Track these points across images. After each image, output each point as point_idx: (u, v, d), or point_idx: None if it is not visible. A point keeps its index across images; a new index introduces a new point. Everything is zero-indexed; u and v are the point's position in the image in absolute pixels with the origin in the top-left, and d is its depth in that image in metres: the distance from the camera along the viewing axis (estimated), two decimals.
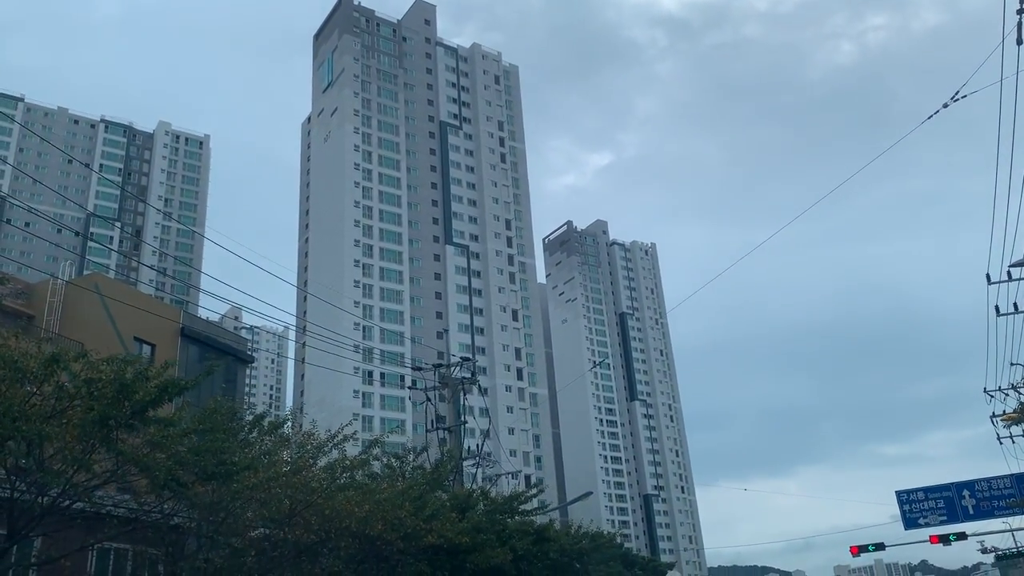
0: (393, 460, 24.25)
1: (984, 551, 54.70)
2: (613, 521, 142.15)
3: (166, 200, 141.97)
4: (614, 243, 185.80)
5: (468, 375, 32.00)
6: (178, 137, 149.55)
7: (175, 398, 13.14)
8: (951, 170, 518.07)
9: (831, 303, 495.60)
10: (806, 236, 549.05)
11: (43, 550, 15.29)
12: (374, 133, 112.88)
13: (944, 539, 34.70)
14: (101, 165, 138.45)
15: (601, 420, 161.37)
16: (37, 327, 32.51)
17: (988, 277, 25.30)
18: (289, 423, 19.76)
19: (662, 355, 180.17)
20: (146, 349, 35.60)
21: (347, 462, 18.94)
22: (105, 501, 14.69)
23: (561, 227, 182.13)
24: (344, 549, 18.32)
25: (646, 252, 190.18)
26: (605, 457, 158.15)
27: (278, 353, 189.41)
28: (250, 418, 19.76)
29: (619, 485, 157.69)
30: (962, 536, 34.60)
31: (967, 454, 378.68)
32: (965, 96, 15.04)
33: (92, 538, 14.02)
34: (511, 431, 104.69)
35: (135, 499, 14.41)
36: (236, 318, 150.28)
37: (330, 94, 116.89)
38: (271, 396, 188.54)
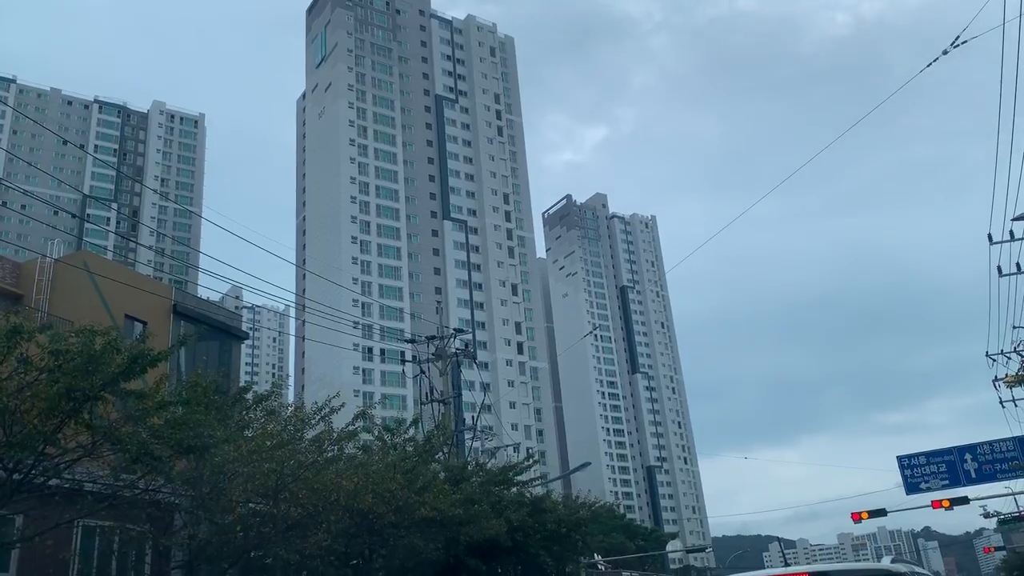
0: (384, 432, 23.90)
1: (986, 515, 54.42)
2: (616, 492, 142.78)
3: (162, 180, 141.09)
4: (614, 216, 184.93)
5: (463, 347, 31.61)
6: (173, 117, 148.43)
7: (148, 369, 12.68)
8: (952, 137, 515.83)
9: (833, 274, 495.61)
10: (807, 207, 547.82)
11: (25, 528, 14.94)
12: (369, 108, 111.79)
13: (947, 503, 34.43)
14: (96, 146, 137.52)
15: (603, 393, 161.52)
16: (26, 306, 32.13)
17: (990, 237, 24.82)
18: (275, 395, 19.32)
19: (663, 327, 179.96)
20: (138, 327, 35.26)
21: (334, 434, 18.56)
22: (83, 477, 14.30)
23: (560, 201, 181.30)
24: (334, 523, 17.97)
25: (646, 225, 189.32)
26: (607, 430, 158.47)
27: (279, 331, 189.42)
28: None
29: (622, 457, 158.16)
30: (964, 500, 34.33)
31: (968, 421, 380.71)
32: (965, 42, 14.45)
33: (68, 515, 13.65)
34: (512, 405, 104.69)
35: (111, 474, 14.01)
36: (237, 297, 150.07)
37: (324, 69, 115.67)
38: (273, 375, 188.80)
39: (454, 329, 31.34)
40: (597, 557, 50.01)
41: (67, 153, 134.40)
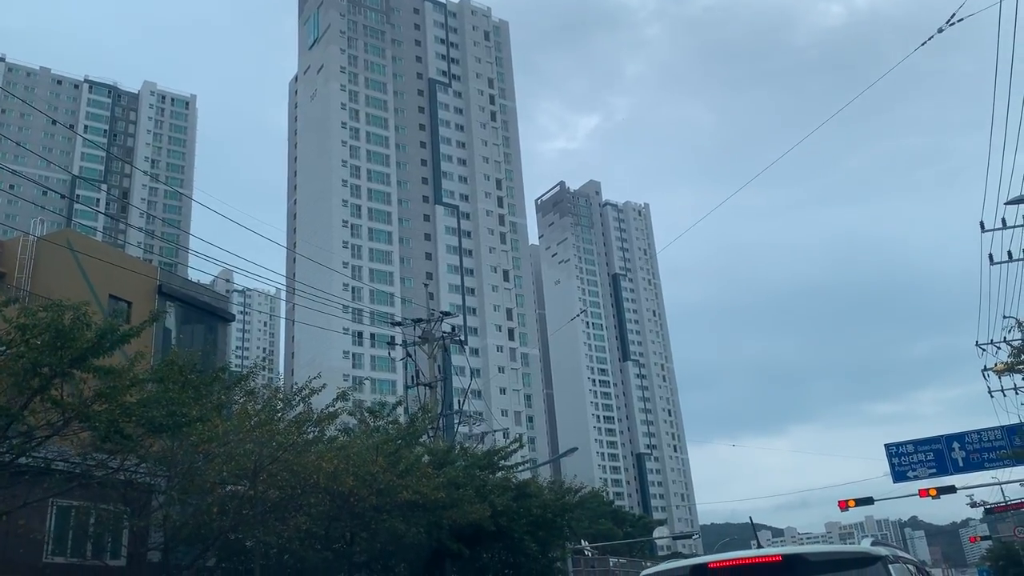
0: (367, 415, 23.61)
1: (973, 505, 54.64)
2: (606, 479, 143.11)
3: (152, 162, 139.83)
4: (607, 204, 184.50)
5: (449, 331, 31.33)
6: (164, 97, 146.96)
7: (119, 345, 12.35)
8: (945, 128, 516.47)
9: (824, 264, 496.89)
10: (800, 197, 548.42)
11: None
12: (361, 91, 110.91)
13: (934, 492, 34.38)
14: (86, 127, 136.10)
15: (594, 380, 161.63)
16: (8, 284, 31.69)
17: (982, 225, 24.50)
18: (253, 375, 18.98)
19: (655, 315, 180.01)
20: (123, 307, 34.83)
21: (314, 416, 18.27)
22: (54, 455, 13.98)
23: (554, 188, 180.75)
24: (315, 506, 17.72)
25: (639, 213, 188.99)
26: (598, 417, 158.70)
27: (270, 314, 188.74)
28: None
29: (612, 444, 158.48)
30: (951, 489, 34.29)
31: (957, 412, 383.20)
32: (961, 20, 14.16)
33: (37, 494, 13.33)
34: (502, 391, 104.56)
35: (80, 453, 13.71)
36: (228, 280, 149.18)
37: (316, 51, 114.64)
38: (264, 358, 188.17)
39: (441, 312, 31.03)
40: (584, 543, 49.97)
41: (56, 133, 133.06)
